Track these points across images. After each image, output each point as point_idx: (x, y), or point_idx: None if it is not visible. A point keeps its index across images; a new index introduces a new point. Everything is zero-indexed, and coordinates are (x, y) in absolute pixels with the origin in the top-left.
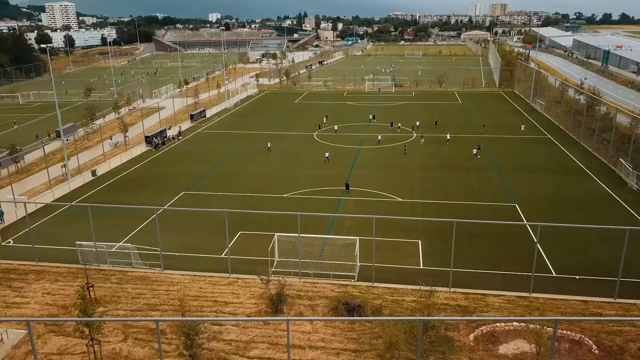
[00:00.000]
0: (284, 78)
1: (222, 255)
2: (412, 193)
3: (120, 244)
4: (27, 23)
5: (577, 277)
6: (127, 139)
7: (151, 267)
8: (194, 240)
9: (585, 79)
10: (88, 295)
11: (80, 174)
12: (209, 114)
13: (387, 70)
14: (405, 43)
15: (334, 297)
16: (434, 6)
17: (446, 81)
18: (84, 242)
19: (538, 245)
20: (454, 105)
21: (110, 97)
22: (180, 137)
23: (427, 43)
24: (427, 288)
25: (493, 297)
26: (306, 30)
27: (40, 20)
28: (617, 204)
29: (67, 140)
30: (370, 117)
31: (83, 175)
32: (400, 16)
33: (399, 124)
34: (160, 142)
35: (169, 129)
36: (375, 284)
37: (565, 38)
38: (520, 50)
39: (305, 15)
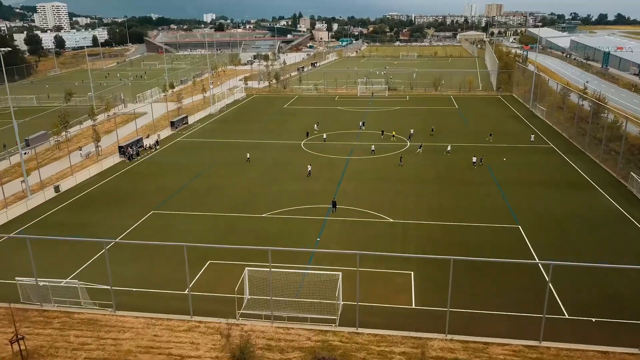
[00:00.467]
0: (274, 81)
1: (185, 292)
2: (405, 212)
3: (67, 280)
4: (19, 24)
5: (594, 319)
6: (99, 149)
7: (102, 306)
8: (155, 271)
9: (587, 82)
10: (19, 349)
11: (42, 190)
12: (192, 120)
13: (381, 73)
14: (401, 44)
15: (309, 348)
16: (430, 7)
17: (442, 84)
18: (24, 278)
19: (550, 284)
20: (450, 110)
21: (91, 102)
22: (157, 147)
23: (422, 44)
24: (420, 335)
25: (497, 346)
26: (300, 31)
27: (33, 21)
28: (631, 224)
29: (25, 153)
30: (360, 124)
31: (44, 192)
32: (395, 17)
33: (394, 132)
34: (135, 152)
35: (147, 137)
36: (360, 330)
37: (562, 39)
38: (518, 51)
39: (300, 15)
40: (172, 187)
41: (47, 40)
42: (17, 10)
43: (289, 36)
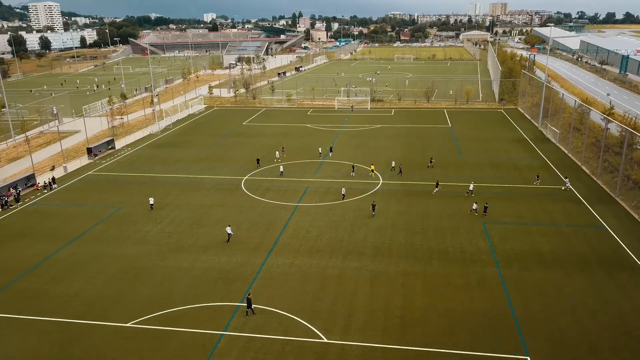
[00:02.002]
0: (241, 90)
1: None
2: (352, 320)
3: None
4: (17, 24)
5: None
6: None
7: None
8: None
9: (609, 95)
10: None
11: None
12: (123, 143)
13: (371, 80)
14: (401, 44)
15: None
16: (433, 6)
17: (435, 94)
18: None
19: None
20: (440, 131)
21: (17, 117)
22: (54, 186)
23: (423, 44)
24: None
25: None
26: (294, 31)
27: (31, 20)
28: None
29: None
30: (328, 150)
31: None
32: (398, 16)
33: (372, 167)
34: (16, 196)
35: (52, 169)
36: None
37: (570, 39)
38: (524, 53)
39: (300, 15)
40: (25, 263)
41: (33, 41)
42: (18, 10)
43: (282, 36)
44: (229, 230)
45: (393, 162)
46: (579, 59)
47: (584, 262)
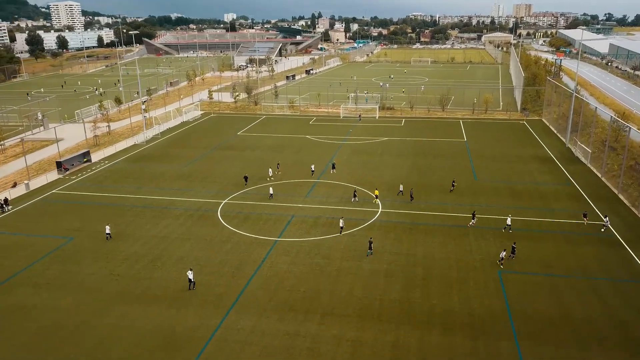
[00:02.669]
0: (241, 96)
1: None
2: None
3: None
4: (42, 23)
5: None
6: None
7: None
8: None
9: None
10: None
11: None
12: (104, 154)
13: (385, 85)
14: (420, 46)
15: None
16: (455, 7)
17: (451, 102)
18: None
19: None
20: (453, 146)
21: (3, 122)
22: (6, 209)
23: (444, 46)
24: None
25: None
26: (310, 32)
27: (52, 19)
28: None
29: None
30: (330, 166)
31: None
32: (419, 17)
33: (376, 192)
34: None
35: (14, 186)
36: None
37: (599, 42)
38: (549, 57)
39: (320, 15)
40: None
41: (51, 40)
42: (43, 9)
43: (299, 37)
44: (190, 275)
45: (401, 186)
46: (609, 64)
47: (632, 338)
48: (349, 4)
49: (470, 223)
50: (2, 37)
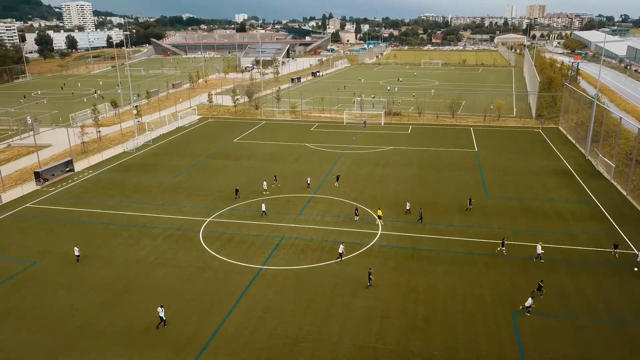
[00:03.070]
0: (241, 100)
1: None
2: None
3: None
4: (55, 23)
5: None
6: None
7: None
8: None
9: None
10: None
11: None
12: (89, 162)
13: (393, 88)
14: (431, 47)
15: None
16: (468, 8)
17: (462, 106)
18: None
19: None
20: (463, 156)
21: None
22: None
23: (455, 48)
24: None
25: None
26: (320, 33)
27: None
28: None
29: None
30: (334, 178)
31: None
32: (430, 18)
33: (380, 212)
34: None
35: None
36: None
37: (616, 44)
38: (565, 60)
39: (331, 16)
40: None
41: (60, 40)
42: (57, 9)
43: (308, 38)
44: (160, 312)
45: (408, 204)
46: (628, 67)
47: None
48: (361, 5)
49: (498, 249)
50: (12, 36)
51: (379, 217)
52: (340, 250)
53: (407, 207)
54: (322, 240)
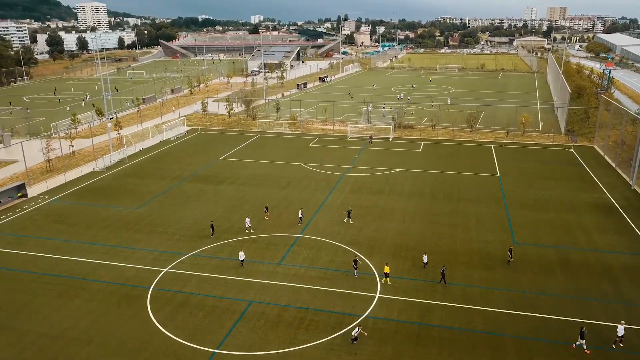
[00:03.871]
0: (235, 109)
1: None
2: None
3: None
4: (72, 24)
5: None
6: None
7: None
8: None
9: None
10: None
11: None
12: (47, 185)
13: (406, 96)
14: (448, 50)
15: None
16: (486, 9)
17: (481, 118)
18: None
19: None
20: (484, 183)
21: None
22: None
23: (473, 51)
24: None
25: None
26: (333, 35)
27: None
28: None
29: None
30: (345, 213)
31: None
32: (448, 20)
33: (387, 269)
34: None
35: None
36: None
37: None
38: (591, 65)
39: (346, 18)
40: None
41: (71, 41)
42: (75, 10)
43: (320, 40)
44: None
45: (425, 256)
46: None
47: None
48: (376, 5)
49: (577, 343)
50: (23, 37)
51: (386, 276)
52: (354, 334)
53: (425, 261)
54: (302, 308)
